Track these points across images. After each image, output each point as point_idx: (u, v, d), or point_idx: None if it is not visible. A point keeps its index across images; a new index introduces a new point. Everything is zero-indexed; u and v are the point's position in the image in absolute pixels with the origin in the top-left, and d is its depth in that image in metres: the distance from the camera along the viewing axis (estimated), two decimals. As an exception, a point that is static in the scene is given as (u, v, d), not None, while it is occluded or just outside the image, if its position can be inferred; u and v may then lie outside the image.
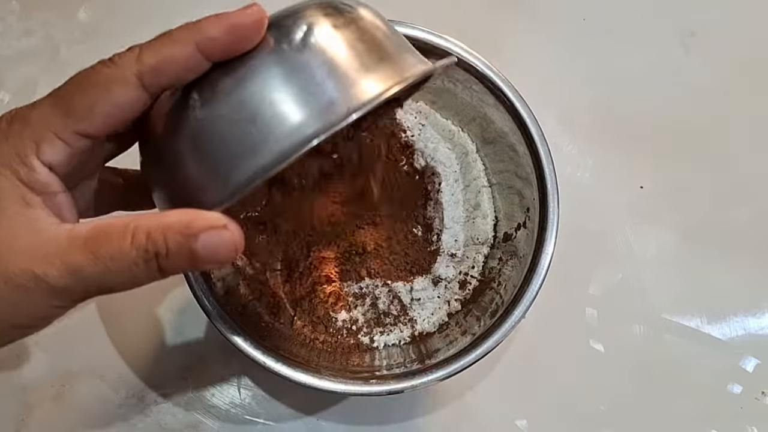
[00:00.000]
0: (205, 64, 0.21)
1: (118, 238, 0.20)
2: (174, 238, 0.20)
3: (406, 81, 0.22)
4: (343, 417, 0.40)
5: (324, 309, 0.39)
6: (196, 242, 0.20)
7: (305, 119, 0.21)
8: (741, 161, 0.46)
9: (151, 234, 0.20)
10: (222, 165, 0.21)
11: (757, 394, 0.42)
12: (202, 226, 0.20)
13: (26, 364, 0.40)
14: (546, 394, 0.41)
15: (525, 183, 0.39)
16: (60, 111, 0.21)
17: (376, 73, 0.22)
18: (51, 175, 0.21)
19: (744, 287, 0.44)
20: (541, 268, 0.36)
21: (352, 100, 0.21)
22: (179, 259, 0.20)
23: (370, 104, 0.21)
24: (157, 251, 0.20)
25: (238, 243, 0.21)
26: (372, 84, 0.22)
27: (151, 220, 0.20)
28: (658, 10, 0.48)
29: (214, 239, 0.20)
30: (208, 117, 0.21)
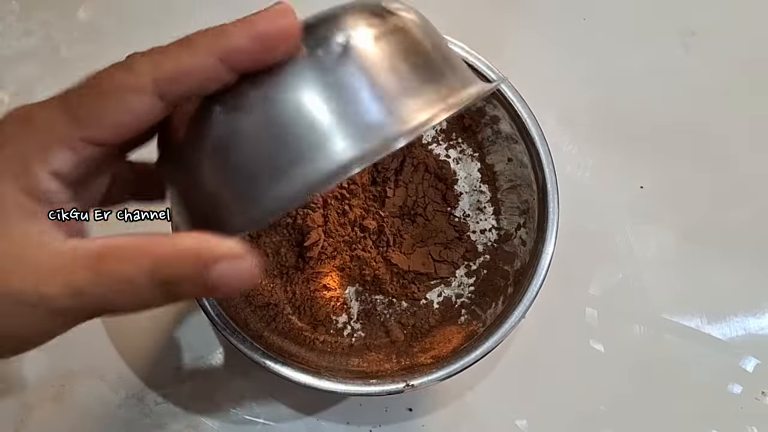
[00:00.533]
0: (230, 75, 0.19)
1: (127, 262, 0.19)
2: (186, 267, 0.19)
3: (454, 107, 0.20)
4: (343, 417, 0.40)
5: (325, 312, 0.39)
6: (209, 273, 0.19)
7: (343, 144, 0.19)
8: (741, 161, 0.46)
9: (163, 259, 0.19)
10: (248, 187, 0.20)
11: (757, 394, 0.42)
12: (219, 255, 0.19)
13: (26, 364, 0.40)
14: (546, 394, 0.41)
15: (525, 183, 0.39)
16: (68, 116, 0.20)
17: (421, 96, 0.20)
18: (56, 185, 0.20)
19: (744, 287, 0.44)
20: (541, 268, 0.36)
21: (395, 125, 0.19)
22: (191, 288, 0.19)
23: (415, 132, 0.19)
24: (168, 277, 0.19)
25: (254, 274, 0.20)
26: (417, 108, 0.20)
27: (164, 245, 0.19)
28: (658, 10, 0.48)
29: (230, 270, 0.19)
30: (233, 132, 0.20)
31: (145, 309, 0.20)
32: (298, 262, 0.40)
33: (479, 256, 0.41)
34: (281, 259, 0.39)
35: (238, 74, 0.20)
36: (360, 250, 0.40)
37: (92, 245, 0.19)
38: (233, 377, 0.40)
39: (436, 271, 0.40)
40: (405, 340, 0.40)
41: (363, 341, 0.40)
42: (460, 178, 0.42)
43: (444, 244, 0.41)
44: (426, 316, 0.40)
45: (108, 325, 0.40)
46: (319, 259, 0.39)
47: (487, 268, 0.41)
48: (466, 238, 0.41)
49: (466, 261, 0.41)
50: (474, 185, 0.42)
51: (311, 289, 0.39)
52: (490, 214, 0.42)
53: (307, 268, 0.39)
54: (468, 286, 0.41)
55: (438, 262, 0.41)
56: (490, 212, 0.42)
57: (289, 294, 0.39)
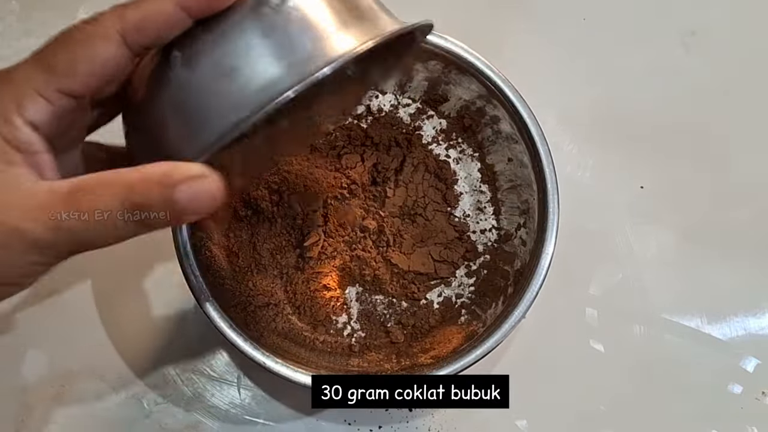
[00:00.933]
0: (187, 20, 0.21)
1: (100, 191, 0.20)
2: (154, 190, 0.20)
3: (379, 37, 0.23)
4: (343, 417, 0.40)
5: (325, 312, 0.39)
6: (175, 192, 0.20)
7: (281, 73, 0.21)
8: (741, 161, 0.46)
9: (133, 186, 0.20)
10: (202, 119, 0.22)
11: (757, 394, 0.42)
12: (182, 176, 0.20)
13: (26, 364, 0.40)
14: (546, 394, 0.41)
15: (525, 183, 0.39)
16: (42, 68, 0.21)
17: (352, 29, 0.23)
18: (33, 134, 0.21)
19: (744, 287, 0.44)
20: (541, 268, 0.36)
21: (326, 54, 0.22)
22: (159, 208, 0.20)
23: (342, 59, 0.21)
24: (139, 203, 0.20)
25: (217, 191, 0.21)
26: (347, 39, 0.22)
27: (132, 173, 0.20)
28: (658, 10, 0.48)
29: (194, 188, 0.20)
30: (190, 73, 0.22)
31: (120, 239, 0.21)
32: (298, 262, 0.40)
33: (479, 256, 0.41)
34: (281, 259, 0.39)
35: (193, 20, 0.22)
36: (360, 250, 0.40)
37: (67, 182, 0.21)
38: (233, 377, 0.40)
39: (436, 271, 0.40)
40: (405, 341, 0.40)
41: (363, 341, 0.40)
42: (460, 178, 0.42)
43: (444, 244, 0.41)
44: (426, 316, 0.40)
45: (108, 326, 0.40)
46: (319, 259, 0.39)
47: (487, 268, 0.41)
48: (466, 238, 0.41)
49: (466, 261, 0.41)
50: (474, 185, 0.42)
51: (311, 289, 0.39)
52: (490, 214, 0.42)
53: (307, 268, 0.39)
54: (468, 286, 0.41)
55: (438, 262, 0.41)
56: (490, 212, 0.42)
57: (289, 294, 0.39)
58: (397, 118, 0.42)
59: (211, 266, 0.37)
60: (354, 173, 0.40)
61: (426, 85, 0.41)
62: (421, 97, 0.42)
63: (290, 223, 0.39)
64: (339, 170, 0.40)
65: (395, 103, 0.43)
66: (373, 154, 0.41)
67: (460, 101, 0.41)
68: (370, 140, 0.41)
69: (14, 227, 0.20)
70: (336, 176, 0.40)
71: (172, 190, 0.20)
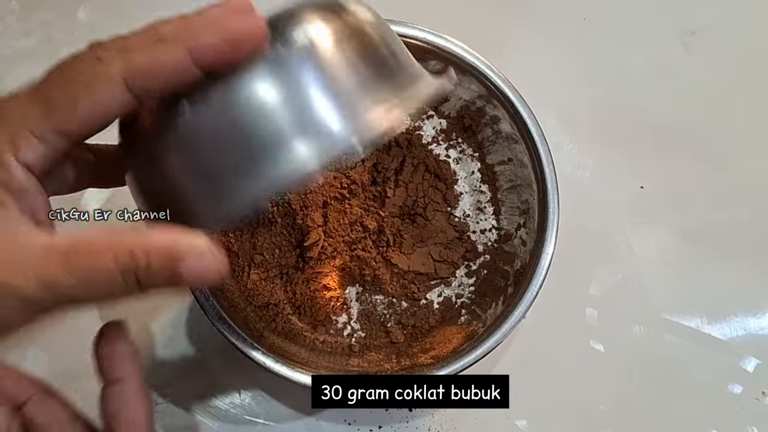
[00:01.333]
0: (196, 72, 0.20)
1: (100, 255, 0.19)
2: (158, 259, 0.19)
3: (410, 109, 0.21)
4: (343, 417, 0.40)
5: (325, 312, 0.39)
6: (179, 267, 0.19)
7: (305, 148, 0.19)
8: (741, 161, 0.46)
9: (135, 253, 0.19)
10: (213, 185, 0.20)
11: (757, 394, 0.42)
12: (188, 251, 0.20)
13: (26, 364, 0.40)
14: (546, 394, 0.41)
15: (525, 183, 0.39)
16: (39, 107, 0.20)
17: (381, 99, 0.20)
18: (27, 175, 0.20)
19: (744, 287, 0.44)
20: (541, 268, 0.36)
21: (356, 131, 0.20)
22: (161, 280, 0.20)
23: (375, 138, 0.20)
24: (138, 272, 0.19)
25: (222, 269, 0.20)
26: (377, 114, 0.20)
27: (136, 239, 0.19)
28: (658, 10, 0.48)
29: (199, 264, 0.20)
30: (198, 128, 0.20)
31: (115, 300, 0.20)
32: (298, 262, 0.40)
33: (479, 256, 0.41)
34: (281, 259, 0.39)
35: (203, 70, 0.20)
36: (360, 250, 0.40)
37: (65, 239, 0.20)
38: (233, 377, 0.40)
39: (436, 271, 0.40)
40: (405, 341, 0.40)
41: (363, 341, 0.40)
42: (460, 178, 0.42)
43: (444, 244, 0.41)
44: (426, 316, 0.40)
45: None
46: (319, 259, 0.39)
47: (487, 268, 0.41)
48: (466, 238, 0.41)
49: (466, 261, 0.41)
50: (474, 185, 0.42)
51: (311, 289, 0.39)
52: (490, 214, 0.42)
53: (307, 268, 0.39)
54: (468, 286, 0.41)
55: (438, 262, 0.41)
56: (490, 212, 0.42)
57: (289, 294, 0.39)
58: (397, 118, 0.42)
59: (211, 266, 0.37)
60: (354, 173, 0.40)
61: (426, 85, 0.41)
62: (421, 97, 0.42)
63: (290, 223, 0.39)
64: (339, 170, 0.40)
65: (395, 103, 0.43)
66: (373, 154, 0.41)
67: (460, 101, 0.41)
68: (370, 140, 0.41)
69: (5, 282, 0.19)
70: (336, 176, 0.40)
71: (176, 264, 0.19)
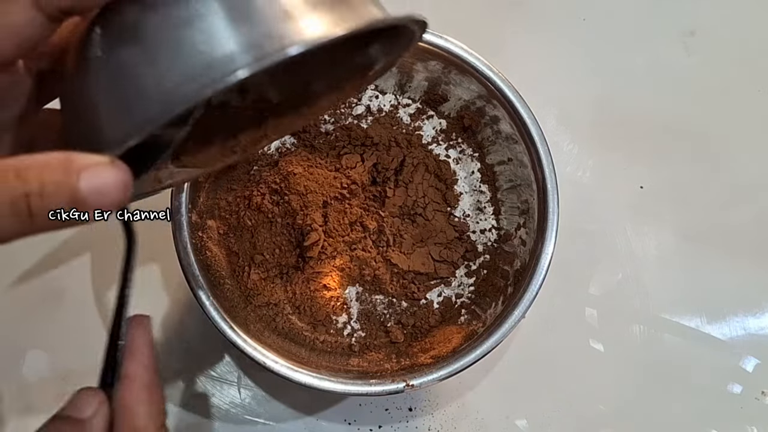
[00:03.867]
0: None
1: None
2: (51, 176, 0.17)
3: (354, 27, 0.19)
4: (343, 417, 0.40)
5: (325, 312, 0.39)
6: (78, 180, 0.17)
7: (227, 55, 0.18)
8: (741, 161, 0.46)
9: (22, 172, 0.16)
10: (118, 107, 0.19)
11: (757, 394, 0.42)
12: (85, 163, 0.17)
13: (26, 364, 0.40)
14: (546, 394, 0.41)
15: (525, 183, 0.39)
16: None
17: (325, 14, 0.19)
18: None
19: (744, 287, 0.44)
20: (541, 268, 0.36)
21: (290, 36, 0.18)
22: (57, 200, 0.17)
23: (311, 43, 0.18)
24: (28, 191, 0.16)
25: (127, 181, 0.18)
26: (319, 23, 0.18)
27: (25, 159, 0.17)
28: (658, 10, 0.48)
29: (100, 176, 0.17)
30: (109, 55, 0.19)
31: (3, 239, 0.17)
32: (298, 262, 0.40)
33: (479, 256, 0.41)
34: (281, 259, 0.39)
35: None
36: (360, 250, 0.40)
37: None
38: (233, 377, 0.40)
39: (436, 271, 0.40)
40: (405, 340, 0.40)
41: (363, 341, 0.40)
42: (460, 178, 0.42)
43: (444, 244, 0.41)
44: (426, 316, 0.40)
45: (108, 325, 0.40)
46: (319, 259, 0.39)
47: (487, 268, 0.41)
48: (466, 238, 0.41)
49: (466, 261, 0.41)
50: (474, 185, 0.42)
51: (311, 289, 0.39)
52: (490, 214, 0.42)
53: (307, 268, 0.39)
54: (468, 286, 0.41)
55: (438, 262, 0.41)
56: (490, 212, 0.42)
57: (289, 294, 0.39)
58: (397, 118, 0.42)
59: (211, 266, 0.37)
60: (354, 173, 0.40)
61: (426, 85, 0.41)
62: (421, 97, 0.42)
63: (290, 223, 0.39)
64: (339, 170, 0.40)
65: (395, 103, 0.43)
66: (373, 154, 0.41)
67: (460, 101, 0.41)
68: (370, 140, 0.41)
69: None
70: (336, 176, 0.40)
71: (74, 179, 0.17)
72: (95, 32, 0.19)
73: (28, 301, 0.40)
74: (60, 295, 0.41)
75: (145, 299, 0.41)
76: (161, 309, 0.41)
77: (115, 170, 0.17)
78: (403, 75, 0.41)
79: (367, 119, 0.42)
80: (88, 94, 0.19)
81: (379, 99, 0.42)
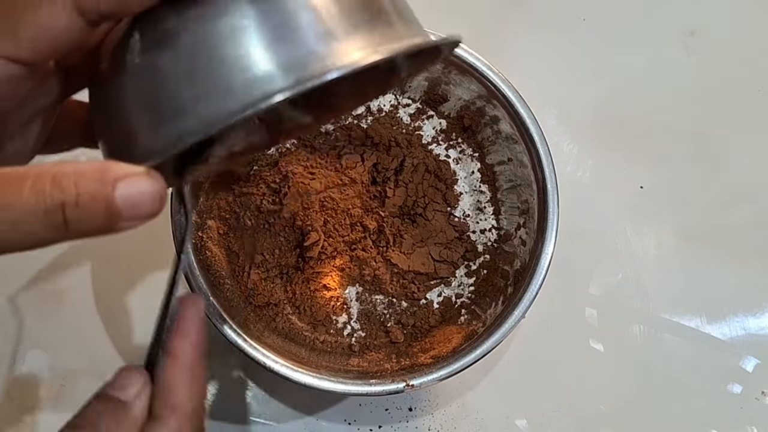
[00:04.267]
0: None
1: (15, 183, 0.16)
2: (87, 185, 0.17)
3: (395, 51, 0.19)
4: (343, 417, 0.40)
5: (325, 312, 0.39)
6: (113, 190, 0.17)
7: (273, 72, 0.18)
8: (741, 161, 0.46)
9: (58, 179, 0.16)
10: (156, 118, 0.19)
11: (757, 394, 0.42)
12: (121, 174, 0.17)
13: (26, 364, 0.40)
14: (546, 394, 0.41)
15: (525, 183, 0.39)
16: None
17: (365, 35, 0.19)
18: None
19: (744, 287, 0.44)
20: (541, 268, 0.36)
21: (331, 58, 0.18)
22: (92, 212, 0.17)
23: (351, 67, 0.18)
24: (64, 200, 0.16)
25: (162, 193, 0.18)
26: (358, 46, 0.18)
27: (60, 165, 0.17)
28: (658, 10, 0.48)
29: (135, 188, 0.17)
30: (148, 63, 0.19)
31: (35, 244, 0.17)
32: (298, 262, 0.40)
33: (479, 256, 0.41)
34: (281, 259, 0.39)
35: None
36: (360, 250, 0.40)
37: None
38: (233, 377, 0.40)
39: (436, 271, 0.41)
40: (405, 340, 0.40)
41: (363, 341, 0.40)
42: (460, 178, 0.42)
43: (444, 244, 0.41)
44: (426, 316, 0.40)
45: (108, 325, 0.40)
46: (319, 259, 0.39)
47: (487, 268, 0.41)
48: (466, 238, 0.41)
49: (466, 261, 0.41)
50: (474, 185, 0.42)
51: (311, 289, 0.39)
52: (490, 214, 0.42)
53: (307, 268, 0.39)
54: (468, 286, 0.41)
55: (438, 262, 0.41)
56: (490, 212, 0.42)
57: (289, 294, 0.39)
58: (397, 118, 0.42)
59: (211, 266, 0.37)
60: (354, 173, 0.40)
61: (426, 86, 0.41)
62: (421, 97, 0.42)
63: (290, 223, 0.39)
64: (339, 170, 0.40)
65: (395, 103, 0.43)
66: (373, 154, 0.41)
67: (460, 101, 0.41)
68: (370, 140, 0.41)
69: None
70: (336, 176, 0.40)
71: (110, 190, 0.17)
72: (134, 38, 0.19)
73: (28, 302, 0.40)
74: (60, 295, 0.41)
75: (144, 299, 0.41)
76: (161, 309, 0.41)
77: (151, 181, 0.17)
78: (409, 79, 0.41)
79: (367, 119, 0.42)
80: (124, 100, 0.19)
81: (379, 99, 0.42)
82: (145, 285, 0.41)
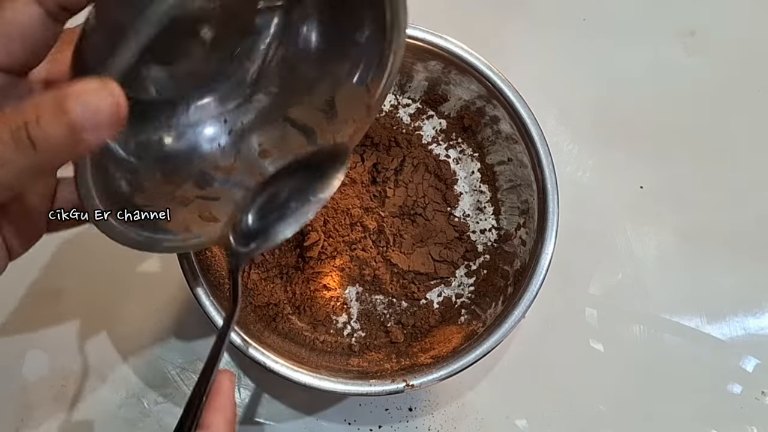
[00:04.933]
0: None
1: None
2: (45, 105, 0.17)
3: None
4: (343, 417, 0.40)
5: (325, 312, 0.39)
6: (71, 102, 0.17)
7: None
8: (741, 161, 0.46)
9: (20, 107, 0.17)
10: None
11: (757, 394, 0.42)
12: (77, 88, 0.17)
13: (26, 364, 0.40)
14: (546, 394, 0.41)
15: (525, 183, 0.39)
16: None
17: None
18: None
19: (744, 287, 0.44)
20: (541, 268, 0.36)
21: None
22: (54, 127, 0.17)
23: None
24: (25, 119, 0.17)
25: (119, 99, 0.18)
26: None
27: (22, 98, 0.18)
28: (658, 10, 0.48)
29: (93, 98, 0.17)
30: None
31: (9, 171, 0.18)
32: (298, 262, 0.40)
33: (479, 256, 0.41)
34: (281, 259, 0.39)
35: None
36: (360, 250, 0.40)
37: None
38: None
39: (436, 271, 0.41)
40: (405, 340, 0.40)
41: (363, 341, 0.40)
42: (460, 178, 0.42)
43: (444, 244, 0.41)
44: (426, 316, 0.40)
45: (108, 325, 0.40)
46: (319, 259, 0.39)
47: (487, 268, 0.41)
48: (466, 238, 0.41)
49: (466, 261, 0.41)
50: (474, 185, 0.42)
51: (311, 289, 0.39)
52: (490, 214, 0.42)
53: (307, 268, 0.39)
54: (468, 286, 0.41)
55: (438, 262, 0.41)
56: (490, 212, 0.42)
57: (289, 294, 0.39)
58: (397, 118, 0.42)
59: (211, 266, 0.37)
60: (354, 173, 0.40)
61: (426, 85, 0.41)
62: (421, 97, 0.42)
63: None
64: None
65: (395, 103, 0.43)
66: (373, 154, 0.41)
67: (460, 101, 0.41)
68: (370, 140, 0.41)
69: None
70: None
71: (68, 106, 0.17)
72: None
73: (28, 302, 0.40)
74: (59, 295, 0.41)
75: (144, 299, 0.41)
76: (161, 309, 0.41)
77: (106, 89, 0.18)
78: (403, 75, 0.41)
79: (367, 119, 0.42)
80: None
81: (379, 99, 0.42)
82: (145, 285, 0.41)
